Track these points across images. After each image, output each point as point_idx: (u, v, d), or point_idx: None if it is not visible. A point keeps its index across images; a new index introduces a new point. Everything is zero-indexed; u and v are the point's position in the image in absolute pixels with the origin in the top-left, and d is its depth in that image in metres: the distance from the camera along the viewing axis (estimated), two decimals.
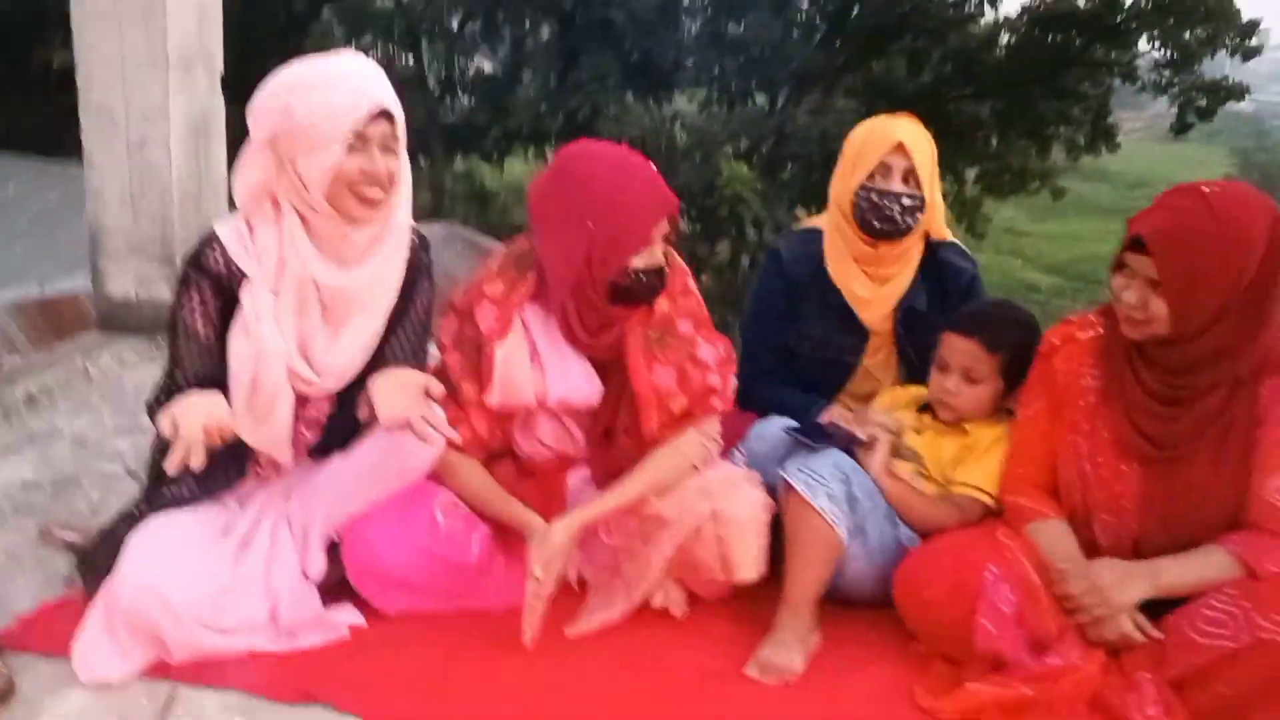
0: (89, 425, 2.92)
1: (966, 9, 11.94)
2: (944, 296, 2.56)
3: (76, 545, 2.26)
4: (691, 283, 2.30)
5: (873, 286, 2.58)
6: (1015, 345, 2.31)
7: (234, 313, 2.01)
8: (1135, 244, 1.95)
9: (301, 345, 2.04)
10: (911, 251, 2.58)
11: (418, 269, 2.17)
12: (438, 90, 12.96)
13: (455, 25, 12.34)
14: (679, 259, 2.28)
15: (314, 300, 2.04)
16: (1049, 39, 13.14)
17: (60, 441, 2.80)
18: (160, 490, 2.08)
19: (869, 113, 2.60)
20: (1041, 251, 19.35)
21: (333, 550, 2.14)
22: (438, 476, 2.21)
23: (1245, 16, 12.95)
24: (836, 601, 2.27)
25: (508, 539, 2.21)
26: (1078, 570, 2.03)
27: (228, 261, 2.01)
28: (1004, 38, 13.61)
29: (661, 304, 2.22)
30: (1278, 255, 1.94)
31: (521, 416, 2.28)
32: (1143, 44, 13.22)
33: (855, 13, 12.10)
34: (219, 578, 1.97)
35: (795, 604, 2.15)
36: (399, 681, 1.97)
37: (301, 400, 2.10)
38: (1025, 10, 13.50)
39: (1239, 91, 13.34)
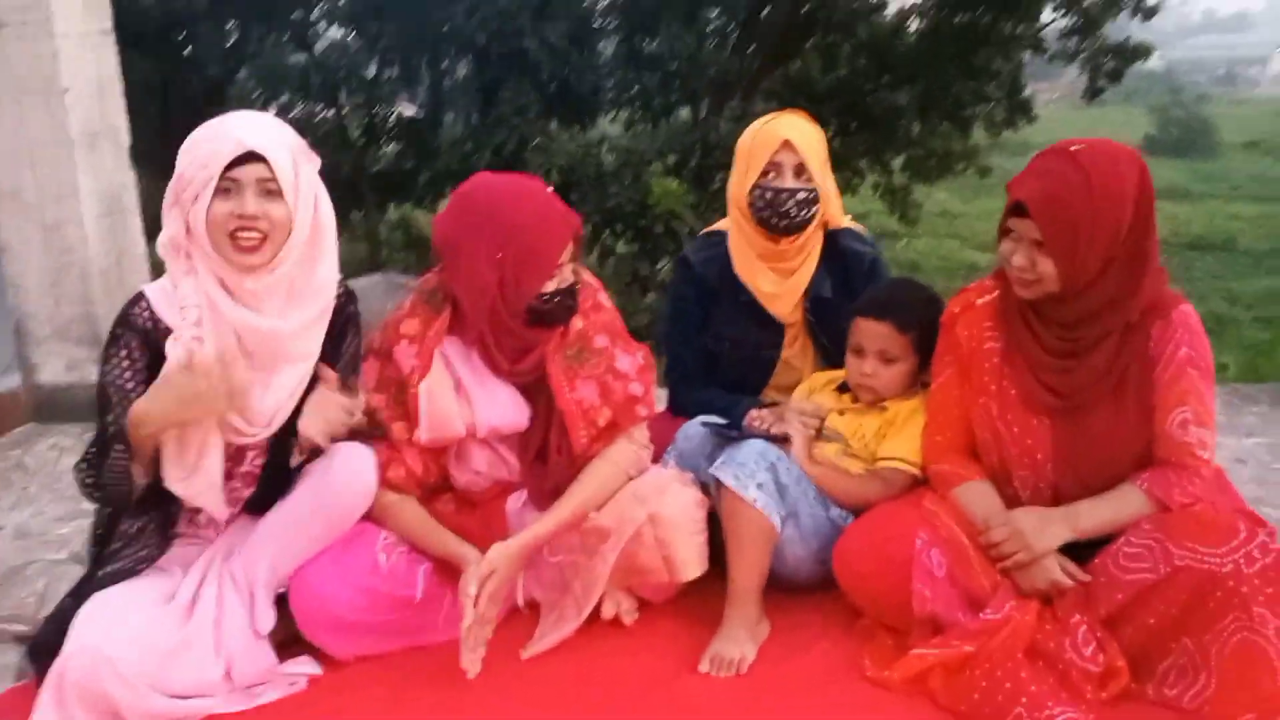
0: (30, 517, 2.91)
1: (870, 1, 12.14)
2: (848, 281, 2.62)
3: (24, 635, 2.26)
4: (603, 297, 2.36)
5: (779, 280, 2.64)
6: (924, 322, 2.39)
7: (161, 368, 2.03)
8: (1017, 209, 2.03)
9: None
10: (812, 242, 2.65)
11: (344, 320, 2.21)
12: (362, 140, 12.95)
13: (371, 73, 12.35)
14: (587, 274, 2.34)
15: (236, 347, 2.05)
16: (956, 19, 13.37)
17: (1, 535, 2.79)
18: (102, 566, 2.10)
19: (792, 109, 2.66)
20: (976, 230, 19.62)
21: (282, 605, 2.17)
22: (376, 519, 2.24)
23: None
24: (781, 588, 2.34)
25: (452, 573, 2.24)
26: (999, 520, 2.10)
27: (154, 317, 2.05)
28: (913, 23, 13.83)
29: (576, 321, 2.27)
30: (1149, 203, 2.04)
31: (454, 449, 2.31)
32: (1047, 14, 13.51)
33: (764, 15, 12.27)
34: (167, 640, 1.98)
35: (740, 595, 2.21)
36: None
37: (234, 454, 2.12)
38: None
39: (1145, 51, 13.66)
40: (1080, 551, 2.09)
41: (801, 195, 2.55)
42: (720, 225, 2.77)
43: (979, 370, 2.22)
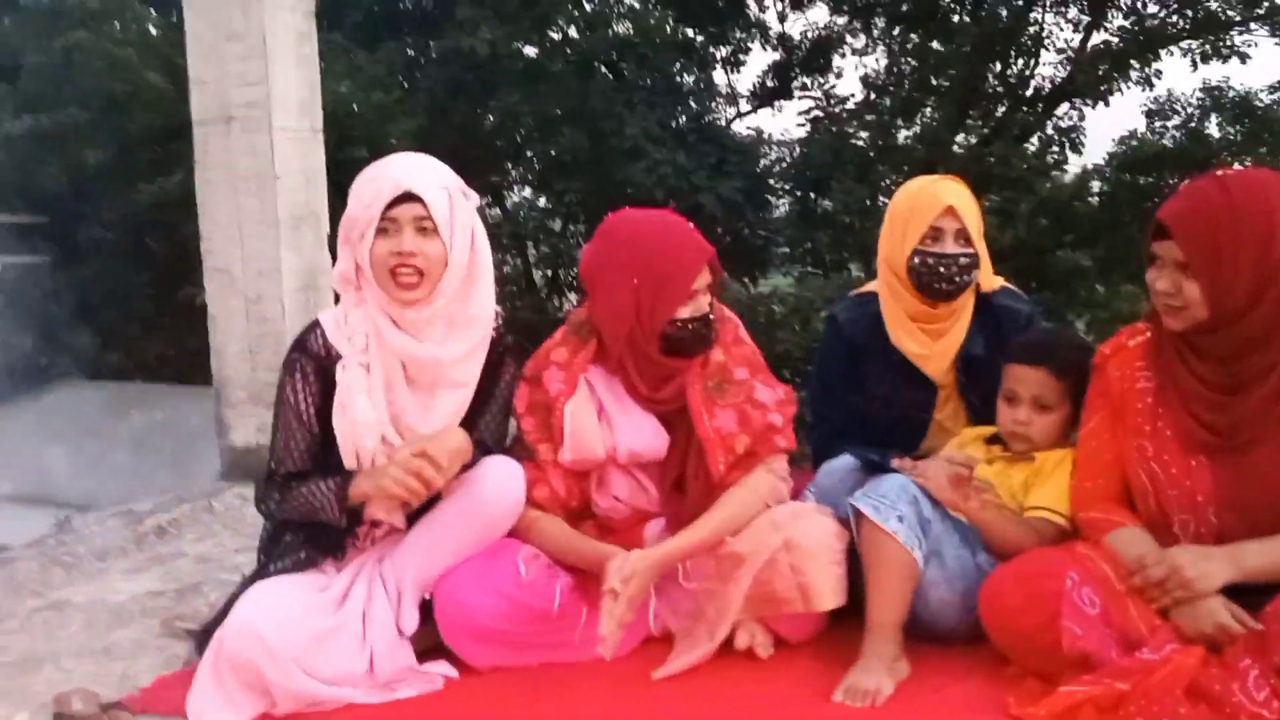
0: (211, 547, 3.13)
1: (1048, 158, 12.12)
2: (1002, 339, 2.60)
3: (194, 630, 2.40)
4: (744, 333, 2.43)
5: (931, 342, 2.64)
6: (1079, 369, 2.34)
7: (334, 393, 2.21)
8: (1159, 232, 2.01)
9: (394, 418, 2.22)
10: (965, 304, 2.65)
11: (501, 350, 2.35)
12: (545, 290, 13.61)
13: (557, 226, 13.07)
14: (728, 311, 2.42)
15: (400, 373, 2.22)
16: (1140, 181, 13.19)
17: (184, 559, 3.00)
18: (267, 566, 2.25)
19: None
20: None
21: (427, 615, 2.24)
22: (520, 534, 2.31)
23: None
24: (927, 637, 2.25)
25: (590, 590, 2.27)
26: (1154, 558, 1.99)
27: (326, 344, 2.23)
28: (1094, 184, 13.71)
29: (716, 354, 2.34)
30: None
31: (596, 474, 2.38)
32: None
33: (938, 172, 12.41)
34: (317, 625, 2.09)
35: (878, 629, 2.14)
36: None
37: None
38: (1112, 156, 13.64)
39: None
40: (1254, 600, 1.95)
41: (964, 260, 2.57)
42: (869, 287, 2.81)
43: (1132, 411, 2.15)
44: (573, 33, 12.13)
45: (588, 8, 12.36)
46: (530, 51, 11.92)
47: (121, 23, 10.96)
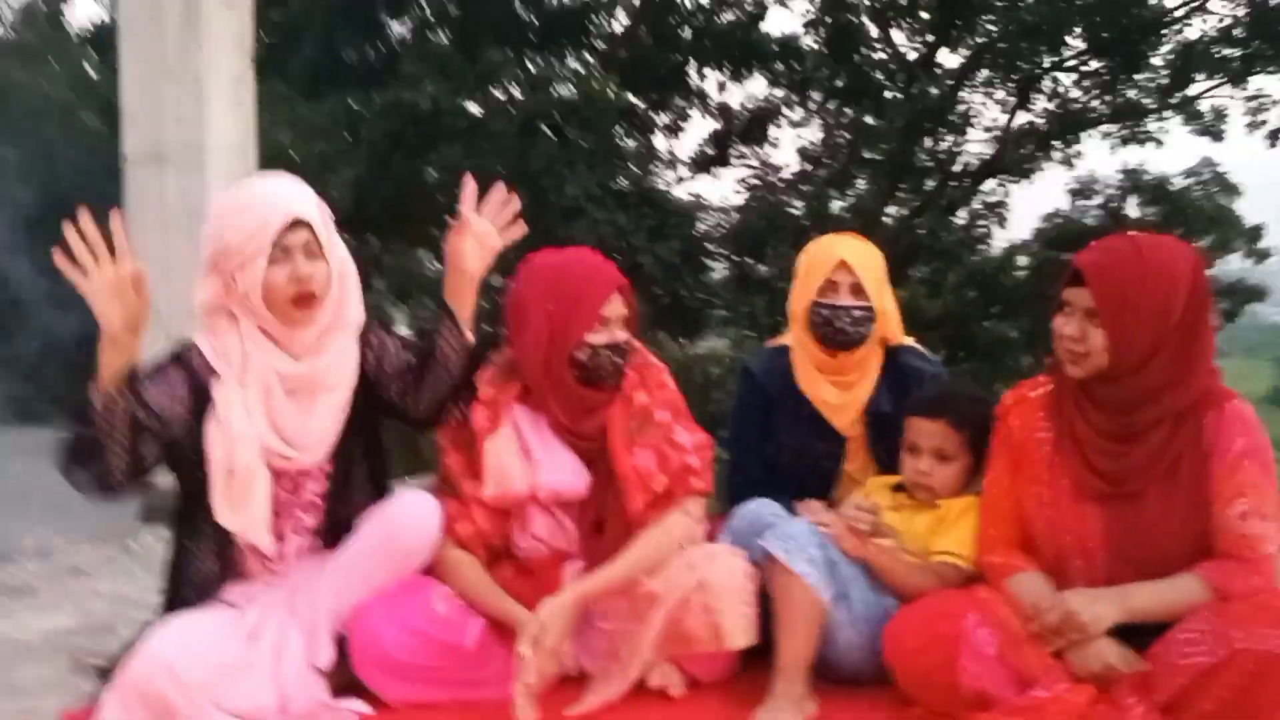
0: (126, 587, 3.08)
1: (975, 231, 12.54)
2: (907, 397, 2.68)
3: (103, 666, 2.37)
4: (668, 378, 2.49)
5: (839, 393, 2.73)
6: (978, 420, 2.44)
7: (207, 409, 2.19)
8: (1074, 280, 2.12)
9: (275, 426, 2.22)
10: (871, 358, 2.75)
11: (373, 343, 2.35)
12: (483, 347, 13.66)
13: (499, 283, 13.16)
14: (654, 357, 2.50)
15: (277, 386, 2.22)
16: (1064, 256, 13.64)
17: (98, 598, 2.96)
18: (173, 606, 2.23)
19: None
20: None
21: (340, 652, 2.24)
22: (438, 574, 2.33)
23: (1249, 222, 13.49)
24: (834, 680, 2.31)
25: (505, 629, 2.29)
26: (1049, 602, 2.07)
27: (204, 363, 2.23)
28: (1020, 259, 14.17)
29: (640, 396, 2.41)
30: (1202, 295, 2.12)
31: (517, 513, 2.41)
32: None
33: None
34: (228, 656, 2.07)
35: (786, 669, 2.19)
36: None
37: (291, 486, 2.26)
38: (1038, 233, 14.15)
39: (1259, 293, 13.68)
40: (1138, 640, 2.04)
41: (857, 313, 2.67)
42: (783, 339, 2.90)
43: (1031, 460, 2.25)
44: (516, 92, 12.31)
45: (531, 69, 12.58)
46: (473, 109, 12.06)
47: (59, 63, 10.93)
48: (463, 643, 2.25)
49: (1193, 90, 12.97)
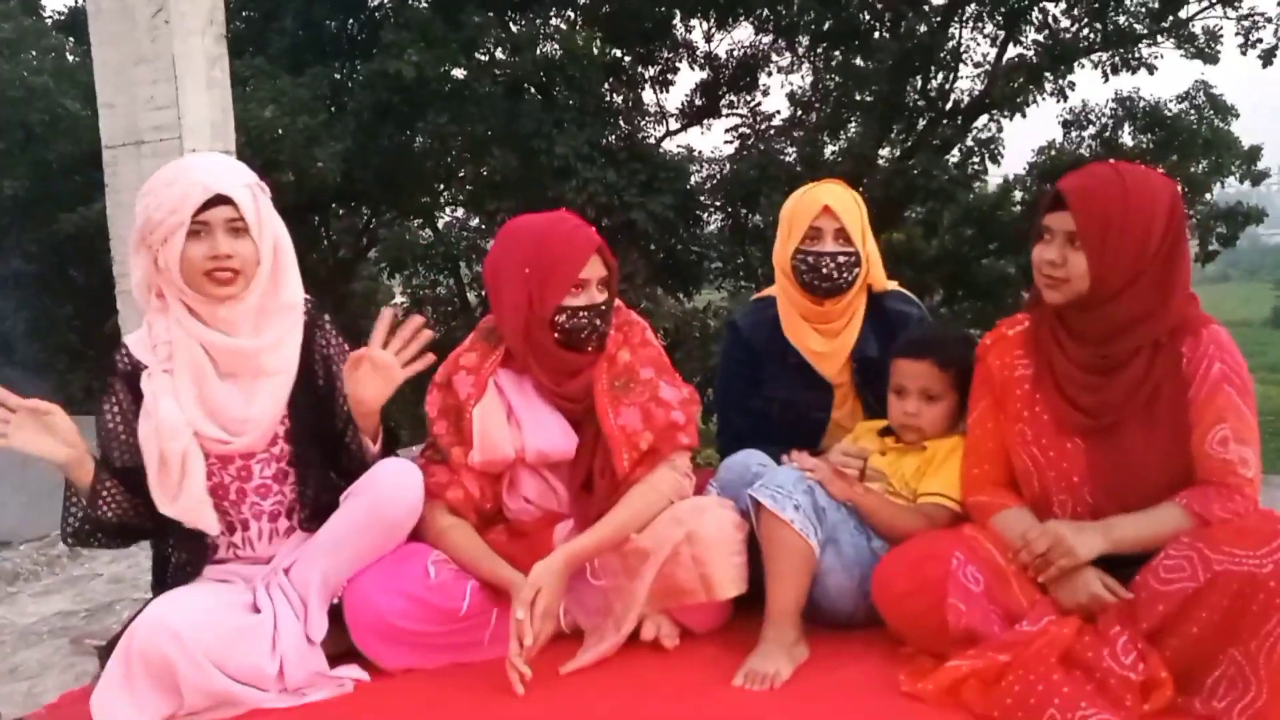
0: (125, 568, 3.11)
1: (969, 169, 12.44)
2: (893, 341, 2.69)
3: (103, 645, 2.40)
4: (651, 335, 2.50)
5: (825, 341, 2.74)
6: (962, 359, 2.45)
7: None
8: (1054, 204, 2.12)
9: (210, 411, 2.21)
10: (856, 304, 2.75)
11: (313, 328, 2.34)
12: (479, 310, 13.64)
13: (489, 245, 13.17)
14: (635, 315, 2.50)
15: (209, 370, 2.21)
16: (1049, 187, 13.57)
17: (97, 580, 2.99)
18: (164, 579, 2.26)
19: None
20: None
21: (337, 621, 2.27)
22: (431, 541, 2.35)
23: (1246, 144, 13.36)
24: (827, 623, 2.34)
25: (499, 593, 2.32)
26: (1036, 532, 2.09)
27: (133, 361, 2.24)
28: (1016, 194, 14.09)
29: (623, 355, 2.41)
30: (1179, 225, 2.12)
31: (507, 476, 2.43)
32: None
33: (863, 186, 12.68)
34: (230, 622, 2.11)
35: (777, 615, 2.22)
36: None
37: (241, 471, 2.27)
38: (1032, 166, 14.04)
39: (1257, 214, 13.59)
40: (1123, 571, 2.06)
41: (842, 258, 2.67)
42: (769, 292, 2.90)
43: (1012, 398, 2.26)
44: (500, 54, 12.22)
45: (514, 30, 12.46)
46: (458, 74, 11.98)
47: (38, 51, 10.86)
48: (458, 608, 2.27)
49: (1184, 13, 12.82)
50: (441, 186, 13.90)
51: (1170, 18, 12.81)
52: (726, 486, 2.44)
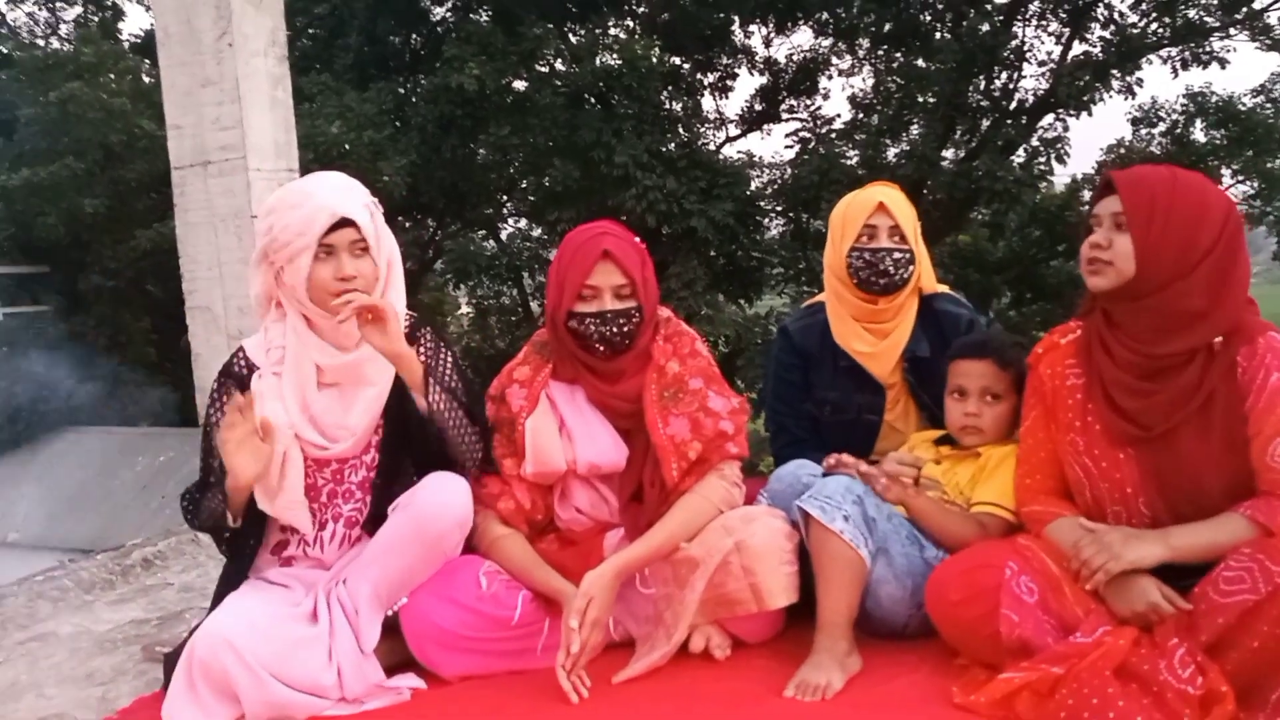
0: (195, 577, 3.20)
1: (1035, 169, 12.24)
2: (945, 343, 2.68)
3: (170, 653, 2.48)
4: (701, 345, 2.51)
5: (875, 341, 2.74)
6: (1020, 361, 2.44)
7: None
8: (1103, 193, 2.10)
9: (311, 417, 2.29)
10: (908, 304, 2.75)
11: (412, 341, 2.38)
12: (543, 319, 13.78)
13: (551, 255, 13.27)
14: (685, 325, 2.52)
15: (313, 377, 2.29)
16: None
17: (169, 589, 3.08)
18: (226, 587, 2.33)
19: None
20: None
21: (395, 632, 2.31)
22: (484, 552, 2.39)
23: None
24: (881, 633, 2.33)
25: (551, 602, 2.34)
26: (1088, 539, 2.06)
27: (248, 363, 2.34)
28: (1085, 194, 13.82)
29: (672, 365, 2.43)
30: (1234, 229, 2.07)
31: (558, 486, 2.46)
32: (1226, 178, 13.27)
33: (926, 190, 12.54)
34: (290, 633, 2.16)
35: (828, 626, 2.21)
36: None
37: (335, 474, 2.34)
38: (1100, 165, 13.77)
39: None
40: (1183, 583, 2.02)
41: (899, 255, 2.68)
42: (819, 298, 2.90)
43: (1063, 407, 2.23)
44: (559, 65, 12.33)
45: (574, 40, 12.57)
46: (519, 85, 12.11)
47: (116, 73, 11.21)
48: (510, 617, 2.30)
49: (1258, 3, 12.47)
50: (504, 197, 14.06)
51: (1244, 9, 12.48)
52: (776, 496, 2.44)
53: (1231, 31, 12.75)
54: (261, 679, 2.07)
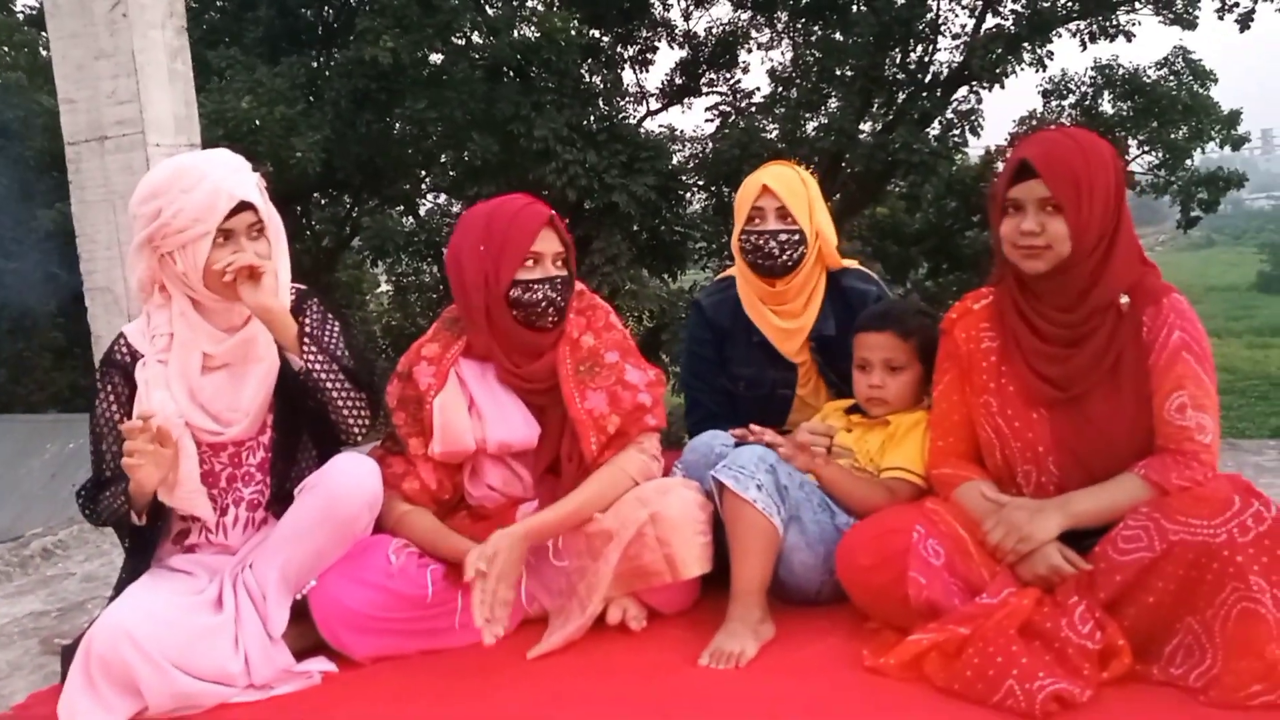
0: (99, 566, 3.11)
1: (949, 141, 12.42)
2: (852, 320, 2.68)
3: (69, 645, 2.40)
4: (615, 319, 2.50)
5: (784, 321, 2.74)
6: (924, 330, 2.47)
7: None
8: (1020, 175, 2.10)
9: (201, 402, 2.22)
10: (810, 282, 2.75)
11: (297, 312, 2.31)
12: None
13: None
14: (599, 299, 2.50)
15: (198, 362, 2.21)
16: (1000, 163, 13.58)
17: (70, 579, 2.98)
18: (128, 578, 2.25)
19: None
20: None
21: (304, 616, 2.26)
22: (391, 529, 2.35)
23: (1226, 108, 13.36)
24: (794, 600, 2.35)
25: (462, 576, 2.31)
26: (993, 519, 2.10)
27: (131, 351, 2.25)
28: (999, 165, 14.06)
29: (587, 339, 2.41)
30: (1122, 182, 2.13)
31: (468, 465, 2.43)
32: (1133, 149, 13.62)
33: (844, 163, 12.66)
34: (193, 623, 2.10)
35: (742, 594, 2.22)
36: (362, 710, 2.06)
37: (233, 458, 2.28)
38: (1013, 137, 14.01)
39: (1238, 179, 13.60)
40: (1082, 543, 2.07)
41: (784, 237, 2.68)
42: (730, 272, 2.91)
43: (978, 370, 2.26)
44: (476, 38, 12.14)
45: (491, 13, 12.39)
46: (435, 59, 11.91)
47: (10, 47, 10.76)
48: (422, 594, 2.27)
49: None
50: (422, 173, 13.84)
51: None
52: (690, 468, 2.45)
53: (1137, 6, 13.05)
54: (164, 670, 2.01)
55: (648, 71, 14.72)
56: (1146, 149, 13.55)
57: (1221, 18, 12.70)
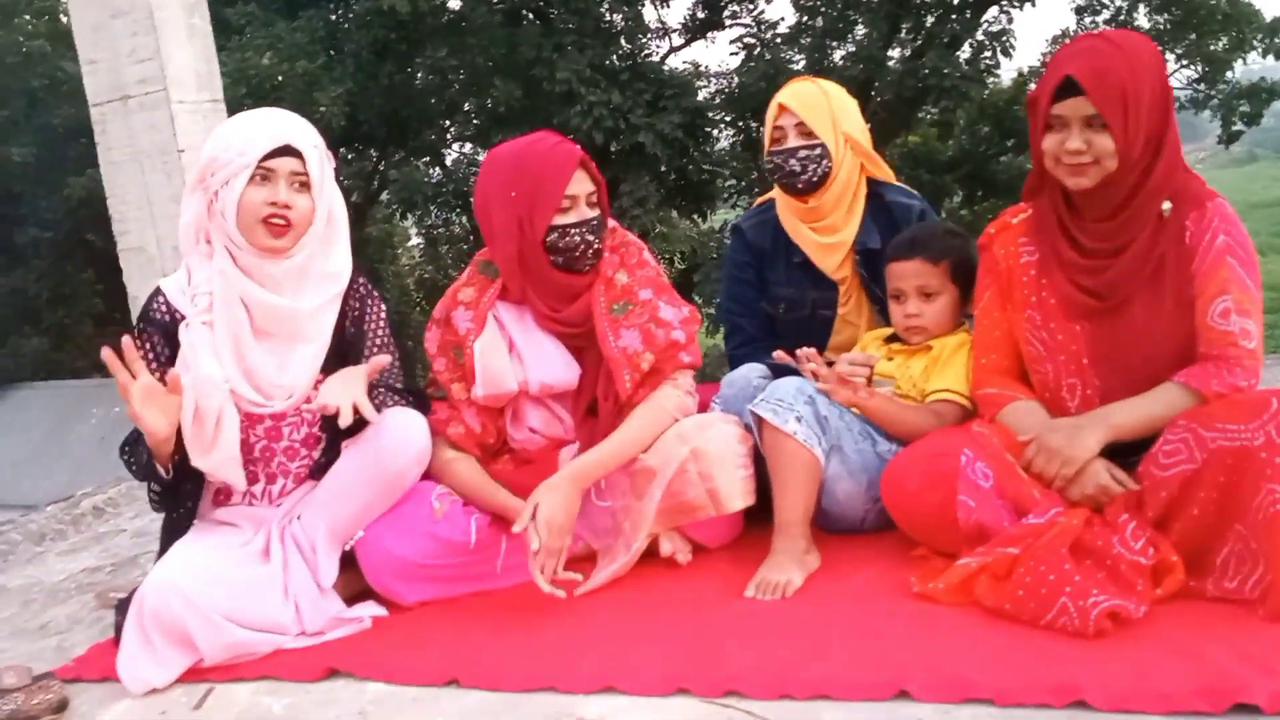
0: (149, 522, 3.14)
1: (981, 65, 12.13)
2: (895, 234, 2.64)
3: (124, 599, 2.44)
4: (648, 255, 2.47)
5: (824, 236, 2.69)
6: (955, 250, 2.42)
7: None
8: (1064, 92, 2.02)
9: (248, 373, 2.20)
10: (849, 196, 2.68)
11: (360, 302, 2.33)
12: None
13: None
14: (632, 235, 2.47)
15: (247, 328, 2.19)
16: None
17: (122, 535, 3.03)
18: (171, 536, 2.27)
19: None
20: None
21: (351, 564, 2.28)
22: (434, 475, 2.36)
23: (1268, 16, 12.93)
24: (839, 529, 2.34)
25: (507, 521, 2.31)
26: (1033, 449, 2.06)
27: (170, 308, 2.23)
28: (1031, 87, 13.73)
29: (620, 277, 2.38)
30: (1167, 82, 2.05)
31: (510, 408, 2.43)
32: (1171, 63, 13.25)
33: (873, 91, 12.41)
34: (242, 574, 2.12)
35: (786, 527, 2.21)
36: (416, 650, 2.08)
37: (271, 430, 2.27)
38: (1046, 57, 13.67)
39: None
40: (1128, 459, 2.03)
41: (803, 154, 2.62)
42: (769, 195, 2.86)
43: (1018, 285, 2.22)
44: None
45: None
46: (454, 5, 11.77)
47: (31, 14, 10.77)
48: (465, 540, 2.28)
49: None
50: (447, 122, 13.75)
51: None
52: (729, 402, 2.43)
53: None
54: (216, 623, 2.04)
55: (669, 6, 14.48)
56: (1185, 63, 13.16)
57: None
